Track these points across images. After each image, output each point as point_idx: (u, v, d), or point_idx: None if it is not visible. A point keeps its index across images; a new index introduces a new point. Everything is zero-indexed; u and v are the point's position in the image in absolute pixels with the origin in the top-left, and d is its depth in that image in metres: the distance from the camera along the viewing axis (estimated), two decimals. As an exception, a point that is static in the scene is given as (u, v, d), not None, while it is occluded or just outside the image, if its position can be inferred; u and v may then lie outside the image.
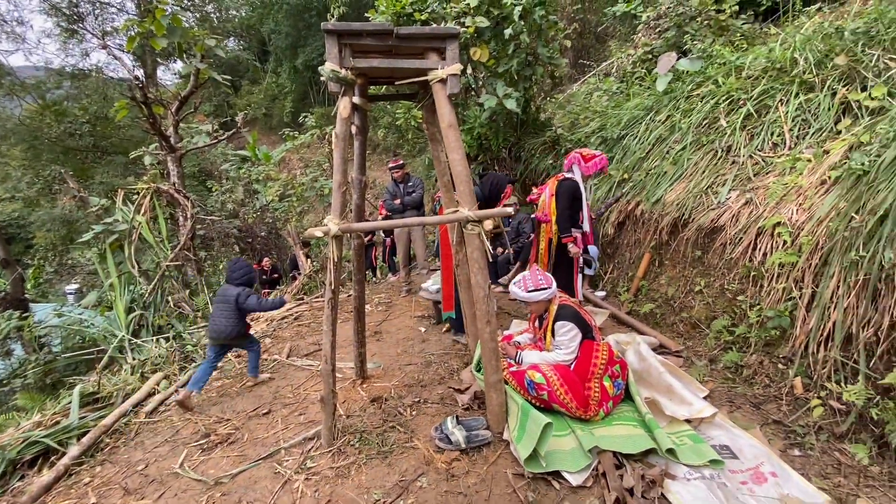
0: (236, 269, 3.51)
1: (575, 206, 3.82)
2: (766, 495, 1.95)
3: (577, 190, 3.83)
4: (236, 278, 3.45)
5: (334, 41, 2.10)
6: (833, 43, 3.76)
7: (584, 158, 3.85)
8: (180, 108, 5.64)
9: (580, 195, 3.83)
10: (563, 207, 3.80)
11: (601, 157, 3.86)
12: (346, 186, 2.30)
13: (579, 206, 3.83)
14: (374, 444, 2.50)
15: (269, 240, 9.13)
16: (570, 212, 3.79)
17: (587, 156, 3.85)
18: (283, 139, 12.66)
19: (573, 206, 3.80)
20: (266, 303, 3.44)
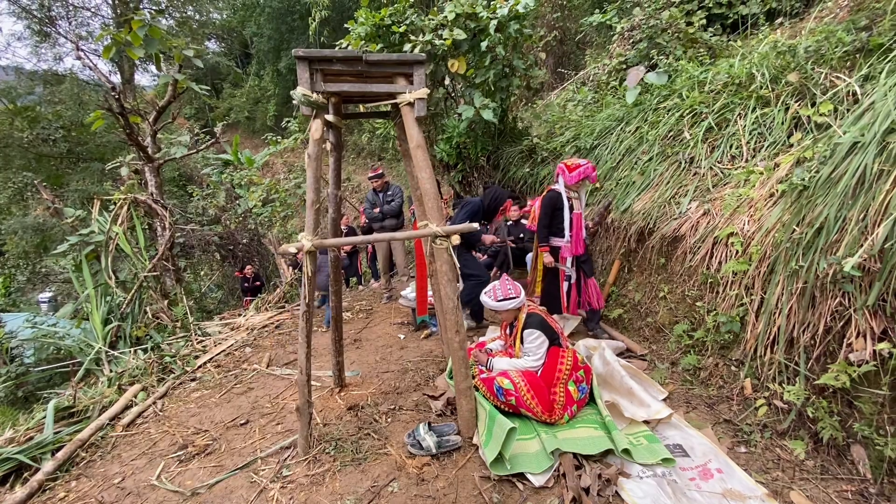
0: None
1: (556, 216, 3.89)
2: (711, 490, 2.11)
3: (557, 200, 3.89)
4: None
5: (305, 66, 2.20)
6: (787, 60, 3.98)
7: (569, 168, 3.87)
8: (158, 117, 5.63)
9: (561, 205, 3.86)
10: (540, 217, 3.98)
11: (585, 166, 3.84)
12: (320, 203, 2.39)
13: (560, 217, 3.88)
14: (348, 452, 2.59)
15: (252, 246, 9.10)
16: (546, 221, 3.92)
17: (571, 165, 3.88)
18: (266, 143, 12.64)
19: (552, 216, 3.90)
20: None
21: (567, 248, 3.93)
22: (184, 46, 5.12)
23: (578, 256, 3.98)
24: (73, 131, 14.33)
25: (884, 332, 2.18)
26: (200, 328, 5.17)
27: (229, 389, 3.70)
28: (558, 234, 3.93)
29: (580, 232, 3.93)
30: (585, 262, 4.03)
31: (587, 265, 4.04)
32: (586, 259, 4.04)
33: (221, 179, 9.83)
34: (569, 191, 3.90)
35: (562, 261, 3.98)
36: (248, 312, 5.86)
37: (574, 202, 3.92)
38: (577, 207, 3.94)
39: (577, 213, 3.90)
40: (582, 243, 3.95)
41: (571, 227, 3.88)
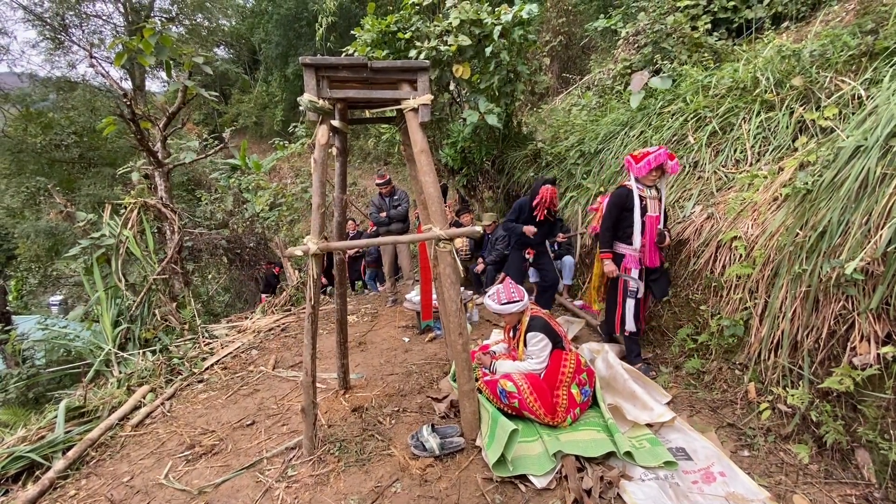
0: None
1: (624, 217, 3.31)
2: (714, 493, 2.11)
3: (625, 199, 3.30)
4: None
5: (312, 73, 2.25)
6: (791, 64, 3.98)
7: (635, 159, 3.27)
8: (168, 123, 5.74)
9: (631, 205, 3.26)
10: (603, 218, 3.45)
11: (656, 153, 3.16)
12: (326, 207, 2.43)
13: (629, 219, 3.28)
14: (352, 453, 2.62)
15: (258, 250, 9.18)
16: (610, 222, 3.36)
17: (638, 155, 3.27)
18: (273, 148, 12.79)
19: (619, 218, 3.33)
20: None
21: (634, 257, 3.28)
22: (193, 53, 5.22)
23: (650, 270, 3.31)
24: (86, 137, 14.59)
25: (888, 336, 2.17)
26: (208, 331, 5.23)
27: (236, 391, 3.75)
28: (625, 240, 3.32)
29: (653, 240, 3.24)
30: (657, 280, 3.31)
31: (658, 285, 3.31)
32: (659, 277, 3.31)
33: (229, 184, 9.95)
34: (642, 187, 3.27)
35: (625, 272, 3.35)
36: (255, 315, 5.91)
37: (649, 202, 3.26)
38: (653, 208, 3.26)
39: (651, 215, 3.23)
40: (656, 253, 3.28)
41: (643, 231, 3.21)
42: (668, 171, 3.23)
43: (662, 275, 3.36)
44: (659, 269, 3.33)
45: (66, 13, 15.78)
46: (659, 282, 3.34)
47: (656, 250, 3.28)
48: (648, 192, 3.27)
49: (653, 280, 3.33)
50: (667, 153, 3.15)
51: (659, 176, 3.27)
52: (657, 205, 3.28)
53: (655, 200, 3.28)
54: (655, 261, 3.29)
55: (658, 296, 3.35)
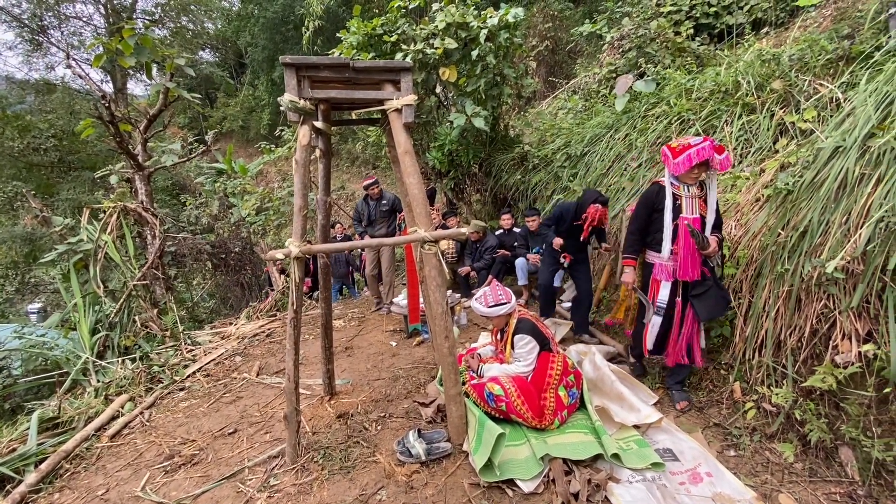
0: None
1: (654, 219, 2.81)
2: (701, 494, 2.10)
3: (653, 197, 2.81)
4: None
5: (293, 73, 2.21)
6: (771, 68, 4.05)
7: (673, 152, 2.68)
8: (149, 126, 5.62)
9: (661, 205, 2.74)
10: (631, 219, 3.01)
11: (699, 146, 2.56)
12: (308, 209, 2.39)
13: (658, 221, 2.78)
14: (337, 460, 2.56)
15: (244, 255, 9.05)
16: (637, 224, 2.92)
17: (677, 148, 2.66)
18: (260, 152, 12.66)
19: (648, 220, 2.85)
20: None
21: (665, 268, 2.78)
22: (175, 55, 5.14)
23: (690, 284, 2.73)
24: (65, 140, 14.27)
25: (868, 334, 2.20)
26: (190, 337, 5.11)
27: (218, 398, 3.66)
28: (655, 246, 2.84)
29: (690, 247, 2.66)
30: (701, 296, 2.69)
31: (702, 302, 2.68)
32: (704, 292, 2.69)
33: (215, 188, 9.81)
34: (677, 183, 2.74)
35: (653, 284, 2.86)
36: (240, 321, 5.81)
37: (685, 201, 2.70)
38: (691, 209, 2.70)
39: (687, 217, 2.68)
40: (695, 264, 2.69)
41: (675, 237, 2.70)
42: (715, 167, 2.63)
43: (710, 290, 2.68)
44: (703, 283, 2.69)
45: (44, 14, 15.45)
46: (704, 298, 2.68)
47: (696, 259, 2.68)
48: (686, 189, 2.71)
49: (695, 296, 2.71)
50: (714, 146, 2.56)
51: (702, 172, 2.67)
52: (698, 205, 2.70)
53: (695, 200, 2.70)
54: (694, 272, 2.69)
55: (703, 315, 2.68)
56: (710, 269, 2.75)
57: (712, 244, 2.65)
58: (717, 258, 2.77)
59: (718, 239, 2.72)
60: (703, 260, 2.71)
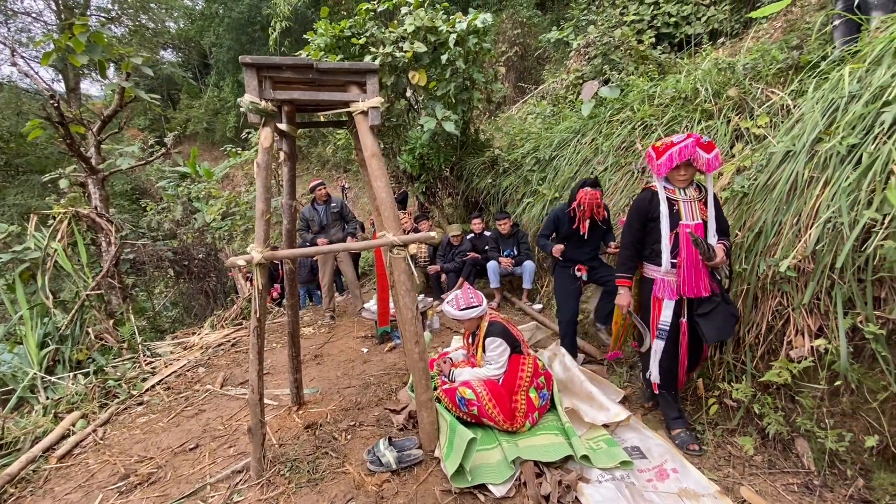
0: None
1: (651, 229, 2.50)
2: (668, 490, 2.14)
3: (646, 205, 2.51)
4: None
5: (253, 73, 2.14)
6: (727, 76, 4.23)
7: (657, 152, 2.42)
8: (103, 127, 5.35)
9: (655, 213, 2.45)
10: (623, 232, 2.69)
11: (682, 145, 2.31)
12: (270, 214, 2.31)
13: (655, 231, 2.47)
14: (304, 473, 2.48)
15: (209, 261, 8.73)
16: (631, 237, 2.61)
17: (661, 147, 2.42)
18: (226, 155, 12.28)
19: (643, 230, 2.54)
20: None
21: (667, 283, 2.45)
22: (132, 54, 4.92)
23: (695, 302, 2.42)
24: (11, 142, 13.43)
25: (819, 330, 2.30)
26: (150, 348, 4.87)
27: (179, 412, 3.49)
28: (654, 259, 2.51)
29: (694, 258, 2.34)
30: (708, 315, 2.37)
31: (709, 321, 2.35)
32: (711, 310, 2.36)
33: (178, 193, 9.45)
34: (671, 186, 2.46)
35: (655, 303, 2.51)
36: (203, 330, 5.58)
37: (683, 206, 2.41)
38: (691, 214, 2.40)
39: (687, 224, 2.38)
40: (702, 279, 2.36)
41: (676, 247, 2.38)
42: (700, 167, 2.33)
43: (718, 307, 2.36)
44: (711, 300, 2.37)
45: (-11, 9, 14.57)
46: (711, 317, 2.35)
47: (702, 273, 2.35)
48: (682, 192, 2.43)
49: (701, 315, 2.38)
50: (698, 142, 2.30)
51: (691, 173, 2.41)
52: (699, 209, 2.40)
53: (695, 203, 2.41)
54: (700, 287, 2.36)
55: (710, 337, 2.36)
56: (717, 283, 2.40)
57: (719, 254, 2.32)
58: (725, 269, 2.44)
59: (726, 247, 2.39)
60: (710, 272, 2.38)
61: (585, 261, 3.56)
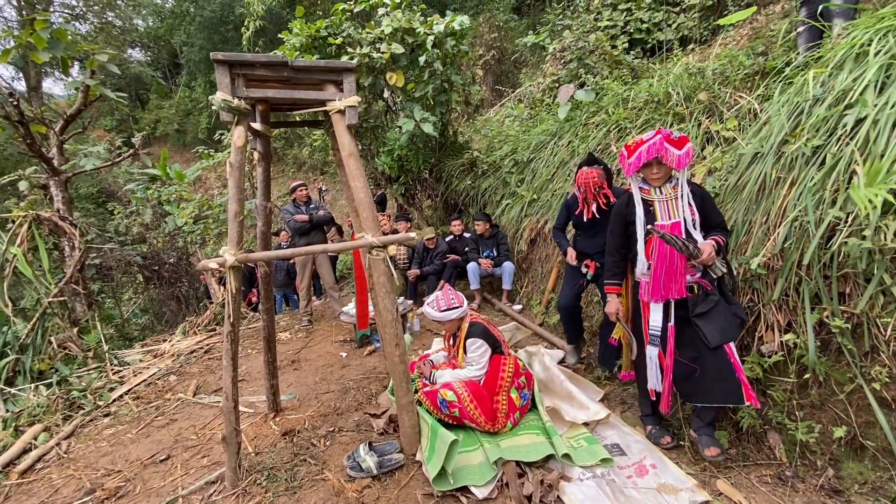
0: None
1: (631, 233, 2.40)
2: (647, 485, 2.17)
3: (624, 208, 2.44)
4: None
5: (225, 71, 2.08)
6: (697, 81, 4.35)
7: (628, 151, 2.31)
8: (66, 126, 5.12)
9: (633, 216, 2.37)
10: (607, 238, 2.57)
11: (650, 143, 2.20)
12: (244, 216, 2.25)
13: (634, 234, 2.38)
14: (282, 481, 2.41)
15: (180, 266, 8.46)
16: (616, 242, 2.52)
17: (631, 146, 2.30)
18: (198, 157, 11.94)
19: (624, 235, 2.46)
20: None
21: (650, 285, 2.33)
22: (96, 51, 4.73)
23: (689, 302, 2.27)
24: (-32, 143, 12.75)
25: (788, 325, 2.38)
26: (117, 357, 4.67)
27: (149, 423, 3.35)
28: (635, 262, 2.43)
29: (665, 256, 2.22)
30: (707, 314, 2.22)
31: (710, 322, 2.20)
32: (709, 310, 2.22)
33: (147, 196, 9.14)
34: (646, 186, 2.36)
35: (644, 309, 2.41)
36: (175, 337, 5.39)
37: (658, 206, 2.31)
38: (666, 214, 2.30)
39: (663, 224, 2.28)
40: (674, 276, 2.23)
41: (675, 244, 2.18)
42: (670, 164, 2.20)
43: (717, 307, 2.21)
44: (708, 299, 2.23)
45: (-58, 3, 13.80)
46: (711, 318, 2.19)
47: (677, 270, 2.23)
48: (657, 192, 2.32)
49: (699, 316, 2.21)
50: (667, 138, 2.18)
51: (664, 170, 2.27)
52: (674, 207, 2.28)
53: (672, 202, 2.29)
54: (671, 289, 2.24)
55: (713, 339, 2.18)
56: (711, 282, 2.26)
57: (705, 250, 2.15)
58: (720, 266, 2.22)
59: (719, 242, 2.22)
60: (703, 271, 2.25)
61: (595, 255, 3.21)
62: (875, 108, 2.19)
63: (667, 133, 2.22)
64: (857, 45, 2.48)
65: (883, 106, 2.16)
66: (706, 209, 2.33)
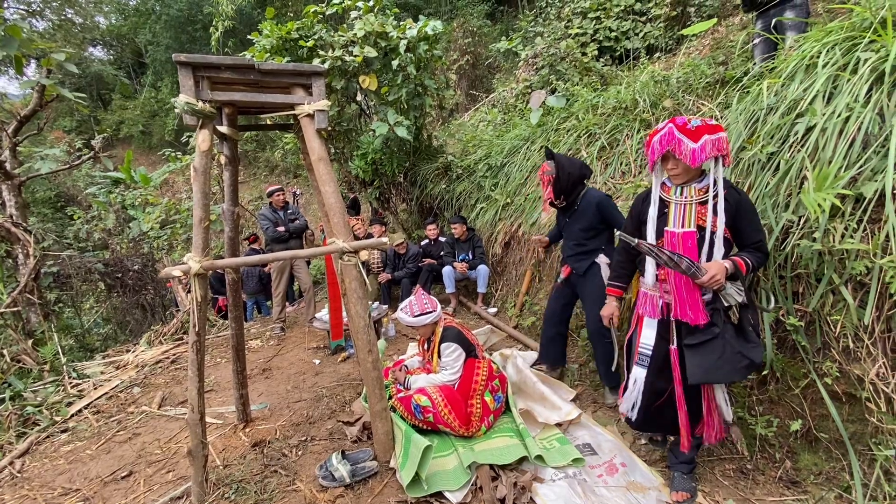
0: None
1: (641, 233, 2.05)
2: (616, 484, 2.22)
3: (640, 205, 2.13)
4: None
5: (189, 73, 2.02)
6: (663, 88, 4.50)
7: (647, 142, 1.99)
8: (20, 128, 4.87)
9: (645, 216, 2.03)
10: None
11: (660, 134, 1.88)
12: (210, 221, 2.19)
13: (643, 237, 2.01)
14: (251, 494, 2.35)
15: (145, 273, 8.15)
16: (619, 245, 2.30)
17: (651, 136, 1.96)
18: (164, 160, 11.54)
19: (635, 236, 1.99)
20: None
21: (650, 298, 2.03)
22: (54, 49, 4.52)
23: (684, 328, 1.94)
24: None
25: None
26: (76, 369, 4.46)
27: (110, 438, 3.21)
28: (642, 269, 2.10)
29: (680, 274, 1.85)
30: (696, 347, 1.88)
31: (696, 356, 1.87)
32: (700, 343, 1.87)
33: (110, 200, 8.78)
34: (670, 185, 1.98)
35: (638, 322, 2.11)
36: (139, 347, 5.19)
37: (674, 209, 1.94)
38: (680, 220, 1.92)
39: (674, 231, 1.92)
40: (694, 301, 1.88)
41: (659, 259, 1.86)
42: (683, 158, 1.80)
43: (715, 340, 1.85)
44: (708, 329, 1.87)
45: None
46: (702, 351, 1.86)
47: (693, 292, 1.87)
48: (677, 192, 1.94)
49: (689, 346, 1.89)
50: (682, 127, 1.82)
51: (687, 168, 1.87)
52: (696, 212, 1.89)
53: (690, 206, 1.90)
54: (685, 310, 1.89)
55: (694, 375, 1.86)
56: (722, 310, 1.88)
57: (711, 271, 1.79)
58: (734, 293, 1.86)
59: (735, 263, 1.84)
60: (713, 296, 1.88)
61: (568, 258, 3.03)
62: (823, 117, 2.31)
63: (682, 121, 1.83)
64: (808, 56, 2.61)
65: (830, 115, 2.29)
66: (740, 222, 1.88)
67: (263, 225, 5.07)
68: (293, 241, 5.11)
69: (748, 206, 1.91)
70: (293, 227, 5.02)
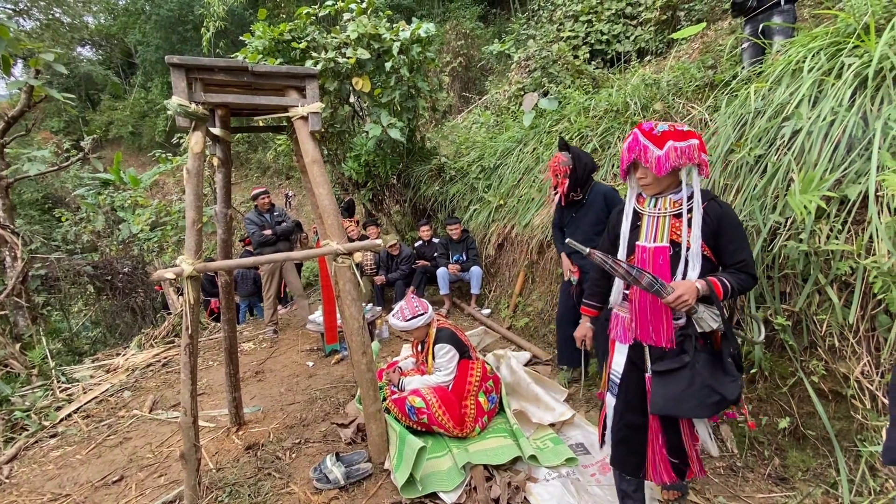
0: None
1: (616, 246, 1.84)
2: (610, 483, 2.23)
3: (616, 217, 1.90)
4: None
5: (182, 75, 2.02)
6: (653, 91, 4.55)
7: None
8: (7, 129, 4.80)
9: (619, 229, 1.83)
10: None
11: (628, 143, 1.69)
12: (203, 223, 2.18)
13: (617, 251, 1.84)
14: (245, 497, 2.34)
15: (135, 276, 8.07)
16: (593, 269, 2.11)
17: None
18: (155, 161, 11.44)
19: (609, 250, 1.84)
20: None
21: (621, 320, 1.83)
22: (42, 49, 4.48)
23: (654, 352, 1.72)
24: None
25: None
26: (65, 373, 4.40)
27: (100, 443, 3.18)
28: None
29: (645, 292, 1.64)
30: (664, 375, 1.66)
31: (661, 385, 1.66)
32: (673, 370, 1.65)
33: (99, 202, 8.68)
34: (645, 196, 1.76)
35: (611, 346, 1.91)
36: (130, 350, 5.14)
37: (647, 222, 1.74)
38: (652, 234, 1.72)
39: (645, 246, 1.73)
40: (662, 322, 1.68)
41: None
42: (649, 166, 1.61)
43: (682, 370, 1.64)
44: (679, 356, 1.67)
45: None
46: (668, 380, 1.66)
47: (661, 315, 1.68)
48: (651, 203, 1.75)
49: (657, 373, 1.69)
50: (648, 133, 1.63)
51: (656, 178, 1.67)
52: (667, 227, 1.69)
53: (664, 219, 1.70)
54: (650, 332, 1.72)
55: (653, 405, 1.67)
56: (704, 337, 1.68)
57: (678, 290, 1.57)
58: (708, 318, 1.63)
59: (711, 285, 1.61)
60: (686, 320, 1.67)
61: (576, 255, 2.91)
62: (809, 121, 2.36)
63: (648, 126, 1.65)
64: (794, 61, 2.67)
65: (816, 118, 2.34)
66: (721, 239, 1.68)
67: (250, 229, 5.03)
68: (281, 244, 5.07)
69: (732, 220, 1.68)
70: (280, 230, 4.98)
